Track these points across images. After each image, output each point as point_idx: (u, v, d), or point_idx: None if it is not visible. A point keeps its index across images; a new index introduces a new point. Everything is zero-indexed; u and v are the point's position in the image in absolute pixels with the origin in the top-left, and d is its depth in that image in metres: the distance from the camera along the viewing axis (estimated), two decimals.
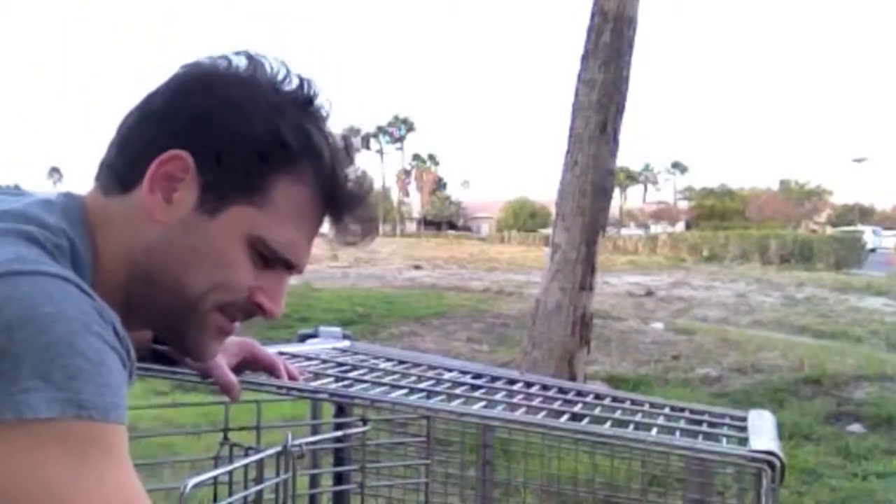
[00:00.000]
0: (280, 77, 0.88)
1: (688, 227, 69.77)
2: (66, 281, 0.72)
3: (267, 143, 0.84)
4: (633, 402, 1.39)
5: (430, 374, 1.42)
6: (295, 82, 0.88)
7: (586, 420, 1.21)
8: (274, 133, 0.84)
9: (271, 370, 1.20)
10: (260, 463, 1.26)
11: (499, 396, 1.31)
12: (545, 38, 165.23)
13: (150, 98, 0.87)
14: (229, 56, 0.89)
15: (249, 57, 0.88)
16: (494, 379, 1.44)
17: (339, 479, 1.62)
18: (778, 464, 1.06)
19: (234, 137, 0.84)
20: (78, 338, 0.68)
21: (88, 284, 0.78)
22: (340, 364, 1.40)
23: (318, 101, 0.89)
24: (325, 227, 0.94)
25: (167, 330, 0.93)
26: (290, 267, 0.91)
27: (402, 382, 1.30)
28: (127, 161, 0.86)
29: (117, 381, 0.70)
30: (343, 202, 0.90)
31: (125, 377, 0.73)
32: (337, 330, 1.68)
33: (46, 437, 0.65)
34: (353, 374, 1.33)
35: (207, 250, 0.86)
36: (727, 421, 1.31)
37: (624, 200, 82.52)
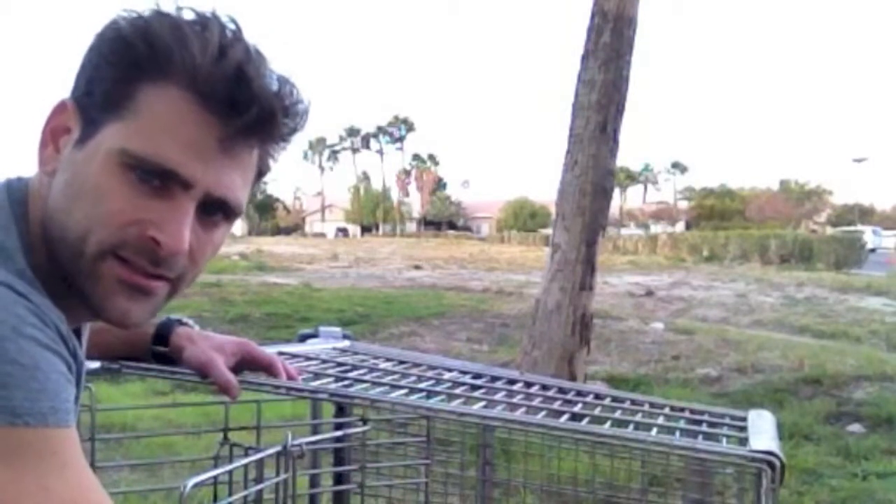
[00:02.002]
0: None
1: (688, 227, 69.77)
2: None
3: (118, 54, 0.78)
4: (633, 402, 1.39)
5: (430, 374, 1.42)
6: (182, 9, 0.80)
7: (586, 420, 1.21)
8: (123, 42, 0.77)
9: (269, 370, 1.20)
10: (260, 463, 1.26)
11: (499, 396, 1.31)
12: (545, 38, 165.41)
13: None
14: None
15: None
16: (494, 379, 1.44)
17: (339, 479, 1.62)
18: (778, 464, 1.06)
19: (95, 63, 0.80)
20: (7, 344, 0.66)
21: (29, 271, 0.76)
22: (340, 364, 1.40)
23: (186, 8, 0.79)
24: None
25: (76, 293, 0.81)
26: (186, 186, 0.78)
27: (402, 382, 1.30)
28: None
29: (56, 384, 0.69)
30: (214, 90, 0.76)
31: (69, 378, 0.72)
32: (337, 330, 1.68)
33: None
34: (353, 374, 1.33)
35: (79, 181, 0.78)
36: (727, 421, 1.31)
37: (624, 200, 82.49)
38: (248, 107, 0.77)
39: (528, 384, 1.45)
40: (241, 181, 0.82)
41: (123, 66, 0.78)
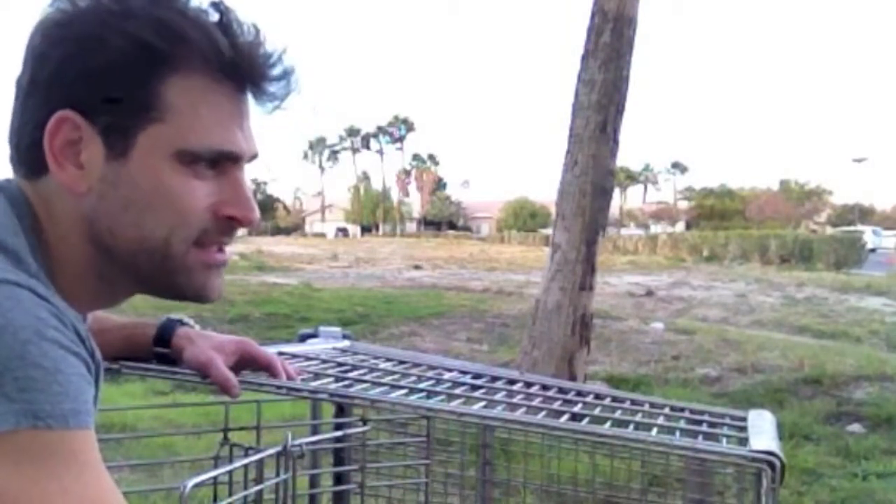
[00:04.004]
0: None
1: (688, 227, 69.78)
2: (18, 286, 0.70)
3: (132, 54, 0.77)
4: (633, 402, 1.39)
5: (430, 374, 1.42)
6: None
7: (586, 420, 1.21)
8: (133, 41, 0.76)
9: (269, 369, 1.20)
10: (260, 463, 1.26)
11: (499, 396, 1.31)
12: (545, 38, 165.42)
13: (18, 81, 0.81)
14: None
15: None
16: (494, 379, 1.44)
17: (339, 479, 1.62)
18: (778, 464, 1.06)
19: (101, 67, 0.77)
20: (30, 347, 0.66)
21: (46, 277, 0.76)
22: (340, 364, 1.40)
23: None
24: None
25: (160, 288, 0.86)
26: (236, 160, 0.83)
27: (402, 382, 1.30)
28: (27, 146, 0.80)
29: (77, 386, 0.69)
30: (242, 68, 0.81)
31: (89, 380, 0.72)
32: (337, 330, 1.68)
33: (2, 450, 0.64)
34: (353, 374, 1.33)
35: (142, 194, 0.79)
36: (727, 421, 1.31)
37: (624, 200, 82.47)
38: (268, 76, 0.82)
39: (528, 384, 1.45)
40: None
41: (145, 67, 0.77)
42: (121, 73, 0.77)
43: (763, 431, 1.21)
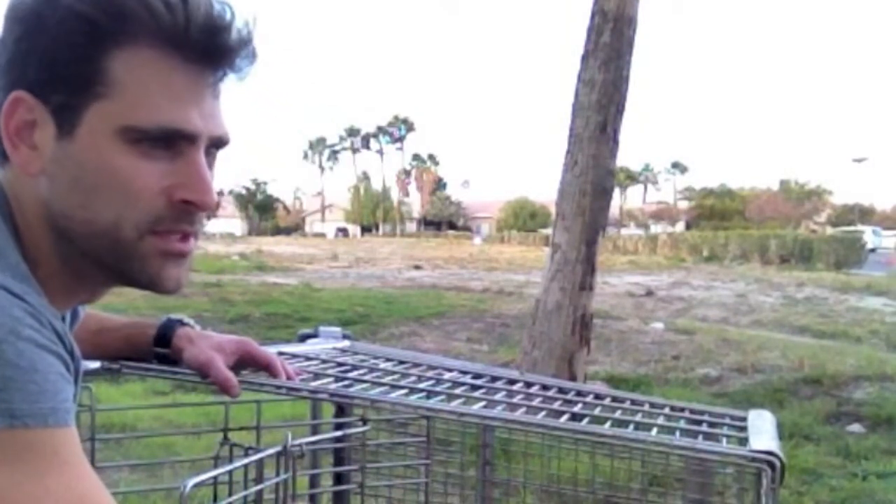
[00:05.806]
0: None
1: (688, 227, 69.75)
2: None
3: (73, 29, 0.75)
4: (633, 402, 1.38)
5: (430, 374, 1.42)
6: None
7: (586, 420, 1.21)
8: (74, 16, 0.74)
9: (268, 369, 1.19)
10: (260, 463, 1.26)
11: (499, 396, 1.31)
12: (545, 38, 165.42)
13: None
14: None
15: None
16: (494, 379, 1.44)
17: (339, 479, 1.62)
18: (778, 464, 1.06)
19: (45, 45, 0.75)
20: (4, 346, 0.66)
21: (27, 269, 0.75)
22: (340, 364, 1.40)
23: None
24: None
25: (116, 275, 0.83)
26: (192, 139, 0.78)
27: (402, 382, 1.29)
28: None
29: (55, 384, 0.68)
30: (190, 40, 0.76)
31: (68, 378, 0.71)
32: (337, 330, 1.67)
33: None
34: (353, 374, 1.32)
35: (86, 174, 0.77)
36: (727, 421, 1.31)
37: (624, 200, 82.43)
38: (221, 45, 0.78)
39: (528, 384, 1.45)
40: (221, 111, 0.83)
41: (87, 42, 0.75)
42: (64, 49, 0.76)
43: (763, 431, 1.21)
